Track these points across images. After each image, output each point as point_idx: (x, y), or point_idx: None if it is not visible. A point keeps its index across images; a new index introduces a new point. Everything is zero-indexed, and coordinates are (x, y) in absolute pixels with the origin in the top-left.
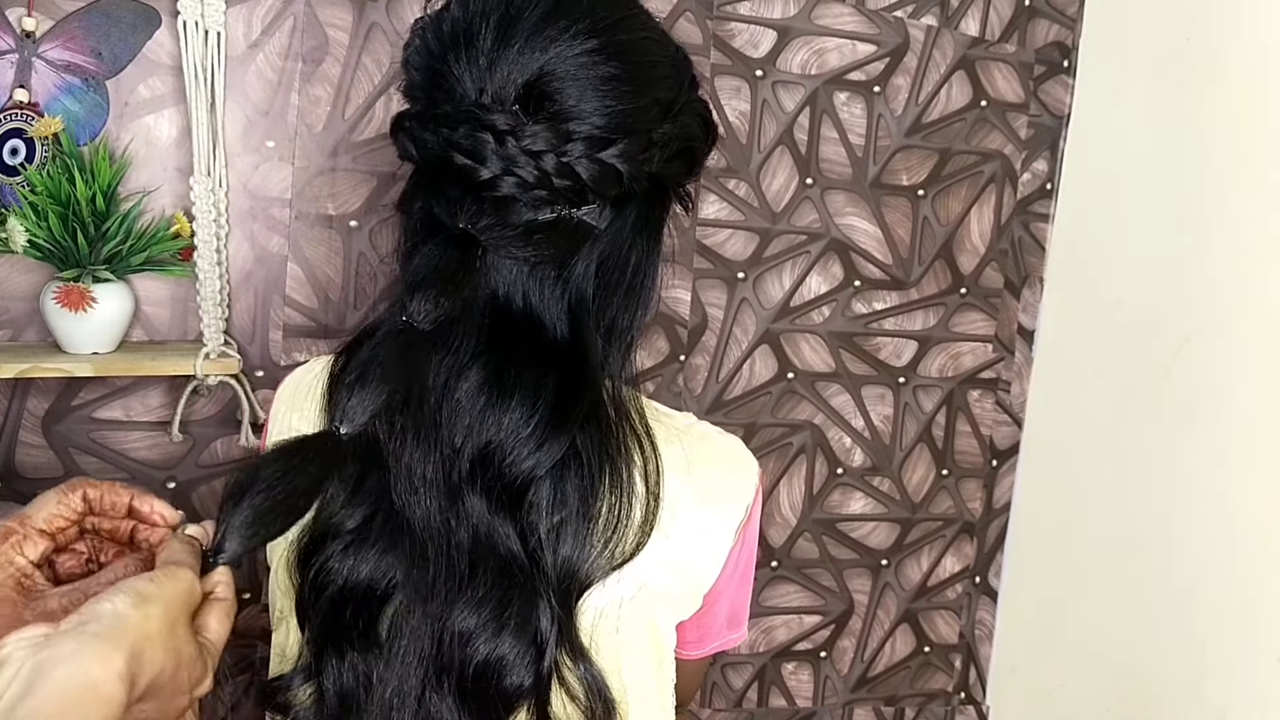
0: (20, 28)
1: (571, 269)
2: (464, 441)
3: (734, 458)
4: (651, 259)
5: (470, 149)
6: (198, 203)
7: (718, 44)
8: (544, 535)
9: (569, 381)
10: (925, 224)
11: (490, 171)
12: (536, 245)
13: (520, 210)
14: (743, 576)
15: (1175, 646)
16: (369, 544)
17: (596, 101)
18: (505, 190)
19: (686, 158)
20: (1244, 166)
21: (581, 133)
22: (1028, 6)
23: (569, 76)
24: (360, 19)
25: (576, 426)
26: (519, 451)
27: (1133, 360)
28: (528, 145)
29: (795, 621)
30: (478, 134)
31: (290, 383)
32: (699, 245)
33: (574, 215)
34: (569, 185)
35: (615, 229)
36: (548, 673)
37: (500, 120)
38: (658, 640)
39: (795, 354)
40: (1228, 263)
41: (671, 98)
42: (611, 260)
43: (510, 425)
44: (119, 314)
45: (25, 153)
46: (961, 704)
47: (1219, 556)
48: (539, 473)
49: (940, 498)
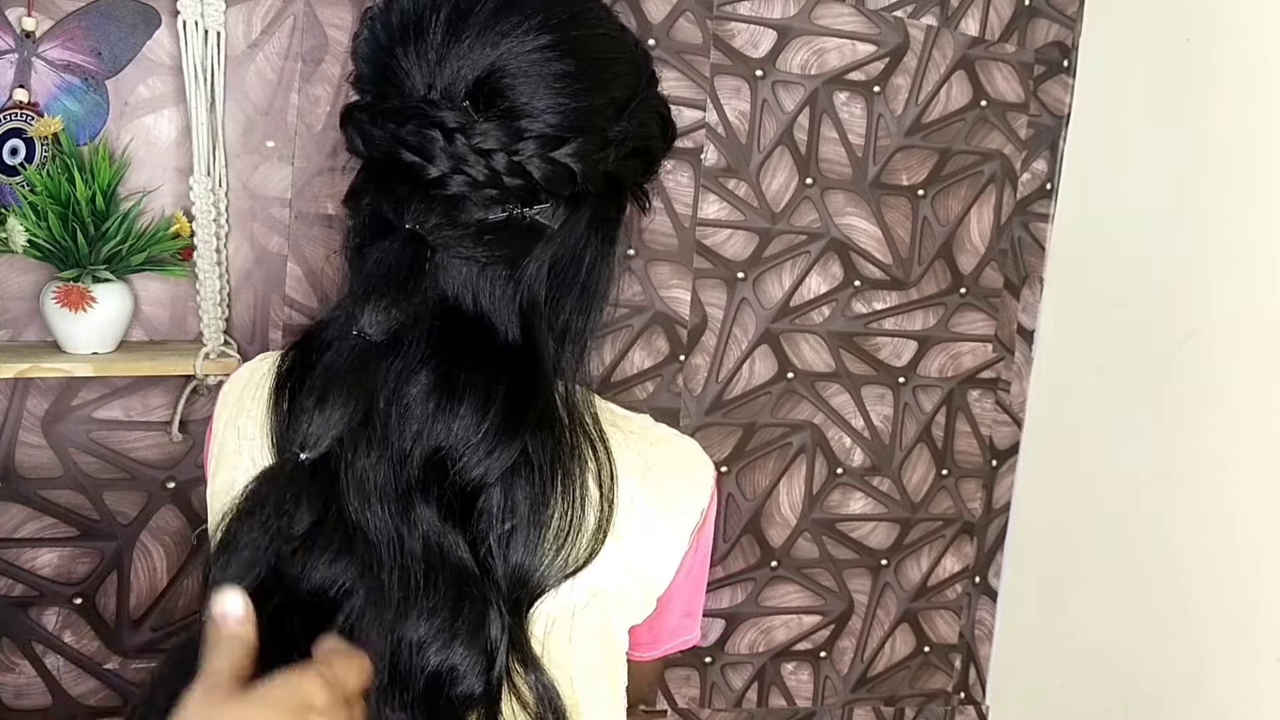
0: (20, 27)
1: (523, 270)
2: (413, 447)
3: (690, 462)
4: (607, 260)
5: (418, 146)
6: (197, 202)
7: (718, 44)
8: (494, 543)
9: (520, 385)
10: (925, 224)
11: (438, 170)
12: (487, 245)
13: (470, 209)
14: (696, 579)
15: (1175, 646)
16: (318, 550)
17: (550, 99)
18: (454, 189)
19: (644, 156)
20: (1244, 166)
21: (534, 131)
22: (1028, 6)
23: (521, 73)
24: (360, 19)
25: (528, 432)
26: (469, 458)
27: (1132, 360)
28: (478, 144)
29: (795, 621)
30: (426, 130)
31: (236, 383)
32: (699, 245)
33: (526, 215)
34: (520, 184)
35: (569, 229)
36: (498, 681)
37: (449, 117)
38: (610, 645)
39: (795, 354)
40: (1228, 263)
41: (628, 96)
42: (564, 261)
43: (460, 431)
44: (119, 314)
45: (25, 153)
46: (961, 704)
47: (1218, 556)
48: (489, 480)
49: (940, 498)
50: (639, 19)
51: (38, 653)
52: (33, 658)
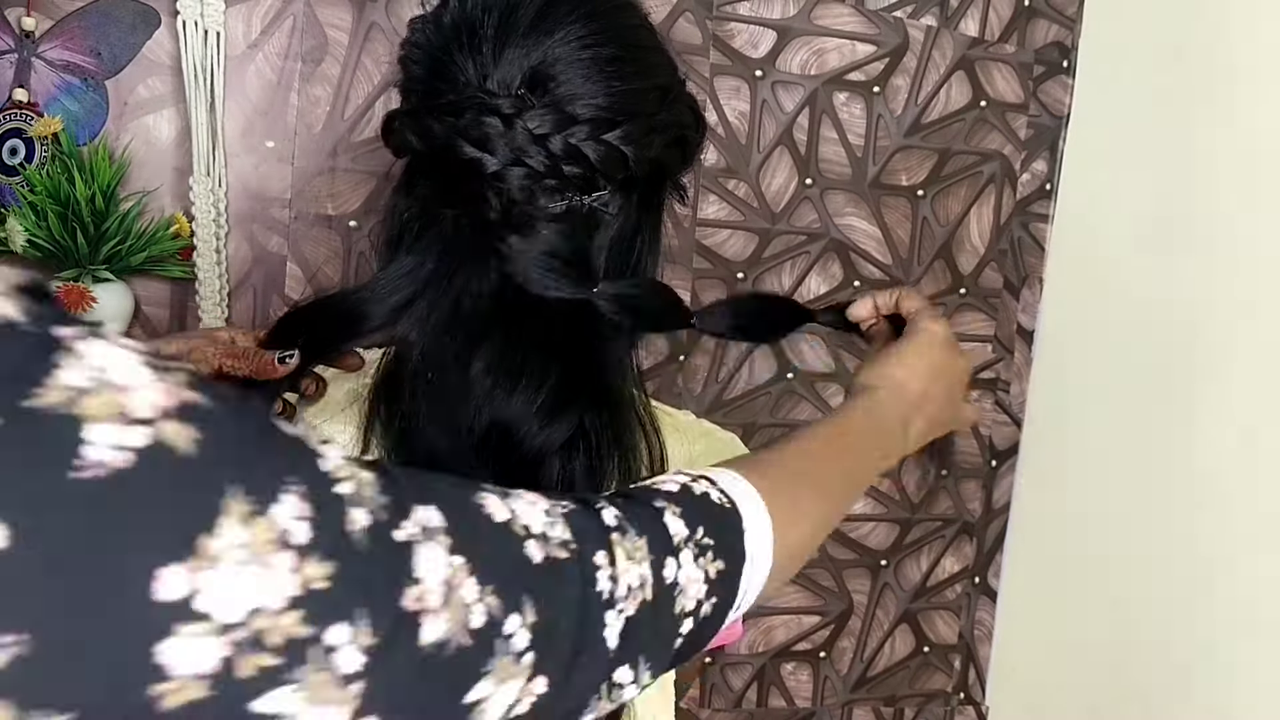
0: (19, 27)
1: (583, 257)
2: (475, 419)
3: (733, 452)
4: (654, 247)
5: (477, 136)
6: (197, 203)
7: (717, 44)
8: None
9: (578, 364)
10: (925, 224)
11: (499, 162)
12: (550, 234)
13: (531, 199)
14: None
15: (1175, 646)
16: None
17: (600, 83)
18: (514, 181)
19: (682, 146)
20: (1243, 166)
21: (586, 114)
22: (1027, 6)
23: (572, 60)
24: (360, 19)
25: (585, 408)
26: (528, 429)
27: (1132, 360)
28: (533, 128)
29: (794, 621)
30: (484, 118)
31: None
32: (698, 245)
33: (584, 203)
34: (577, 172)
35: (623, 216)
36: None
37: (505, 104)
38: None
39: (795, 354)
40: (1228, 263)
41: (668, 83)
42: (618, 248)
43: (519, 405)
44: (118, 314)
45: (25, 152)
46: (961, 704)
47: (1219, 556)
48: (549, 450)
49: (939, 498)
50: None
51: None
52: None
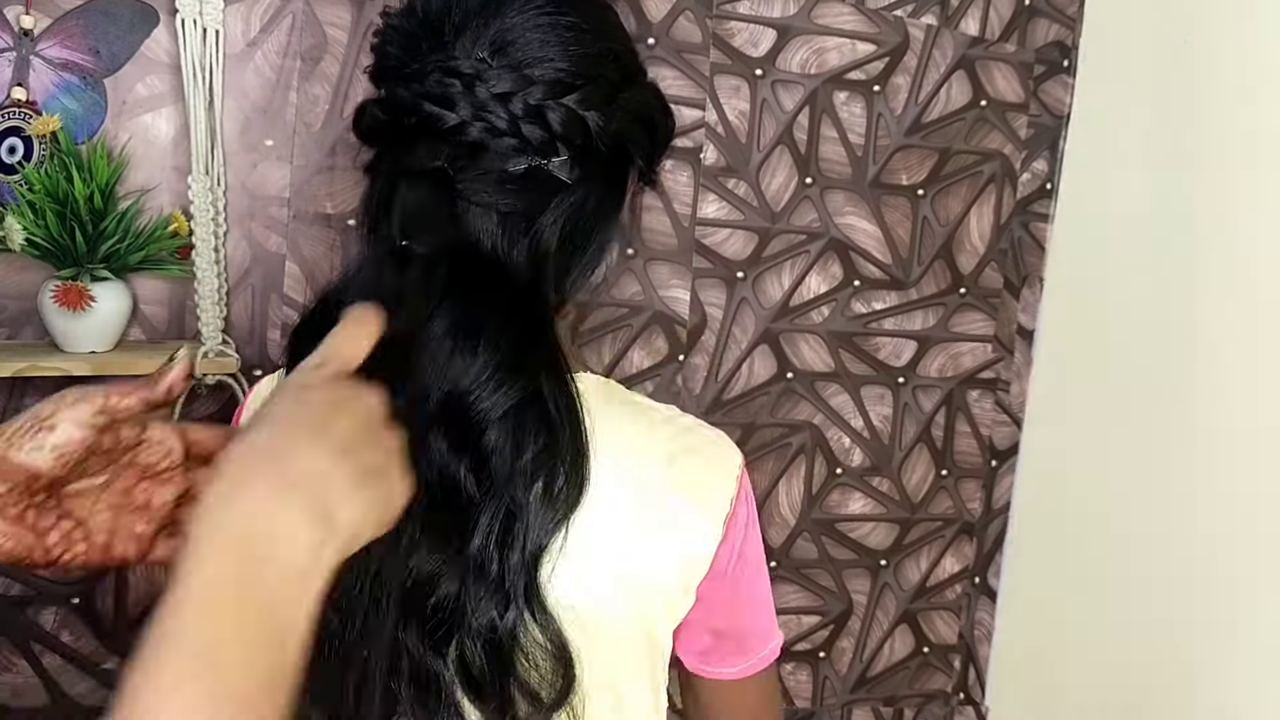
0: (18, 25)
1: (540, 222)
2: (432, 383)
3: (715, 447)
4: (609, 226)
5: (440, 95)
6: (196, 201)
7: (717, 43)
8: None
9: (531, 329)
10: (925, 224)
11: (460, 116)
12: (509, 195)
13: (492, 159)
14: (745, 579)
15: (1175, 646)
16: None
17: (559, 47)
18: (475, 135)
19: (647, 124)
20: (1243, 165)
21: (545, 76)
22: (1028, 6)
23: (530, 26)
24: (359, 17)
25: (537, 373)
26: (479, 393)
27: (1132, 360)
28: (494, 88)
29: (794, 622)
30: (446, 79)
31: (267, 382)
32: (698, 244)
33: (544, 167)
34: (537, 132)
35: (584, 186)
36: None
37: (465, 65)
38: (652, 644)
39: (794, 354)
40: (1228, 263)
41: (627, 58)
42: (577, 217)
43: (475, 371)
44: (117, 313)
45: (23, 151)
46: (960, 704)
47: (1219, 556)
48: (495, 415)
49: (939, 498)
50: (639, 18)
51: (35, 652)
52: (30, 657)
